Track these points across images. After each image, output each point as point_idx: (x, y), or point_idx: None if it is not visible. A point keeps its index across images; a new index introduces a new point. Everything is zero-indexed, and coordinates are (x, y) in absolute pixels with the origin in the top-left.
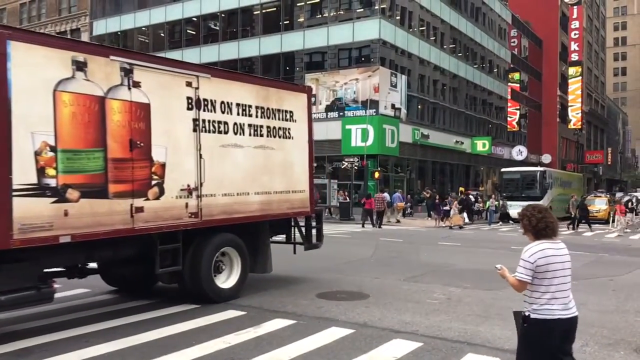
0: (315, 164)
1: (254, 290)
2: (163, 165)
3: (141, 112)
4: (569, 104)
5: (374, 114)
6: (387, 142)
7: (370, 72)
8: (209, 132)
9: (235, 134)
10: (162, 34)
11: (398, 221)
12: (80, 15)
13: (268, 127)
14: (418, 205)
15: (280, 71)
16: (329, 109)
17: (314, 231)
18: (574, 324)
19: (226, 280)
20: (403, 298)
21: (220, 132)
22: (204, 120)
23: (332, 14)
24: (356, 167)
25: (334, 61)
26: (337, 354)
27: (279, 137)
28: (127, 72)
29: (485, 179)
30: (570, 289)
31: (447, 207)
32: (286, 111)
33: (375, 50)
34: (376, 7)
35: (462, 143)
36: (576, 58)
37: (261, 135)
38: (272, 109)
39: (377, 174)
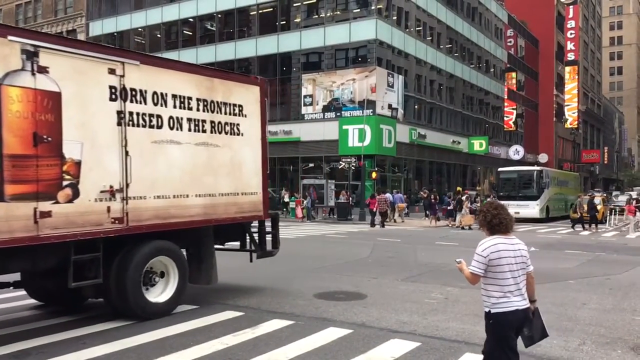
0: (312, 164)
1: (251, 291)
2: (78, 164)
3: (49, 102)
4: (565, 104)
5: (371, 114)
6: (384, 142)
7: (367, 72)
8: (138, 126)
9: (172, 128)
10: (159, 35)
11: (398, 221)
12: (76, 16)
13: (212, 122)
14: (415, 205)
15: (277, 72)
16: (326, 109)
17: (269, 237)
18: (527, 314)
19: (160, 294)
20: (401, 298)
21: (152, 127)
22: (131, 113)
23: (328, 14)
24: (353, 168)
25: (331, 61)
26: (335, 355)
27: (226, 133)
28: (31, 55)
29: (482, 178)
30: (523, 282)
31: (450, 207)
32: (234, 105)
33: (372, 51)
34: (372, 8)
35: (459, 143)
36: (572, 57)
37: (204, 131)
38: (218, 102)
39: (374, 174)
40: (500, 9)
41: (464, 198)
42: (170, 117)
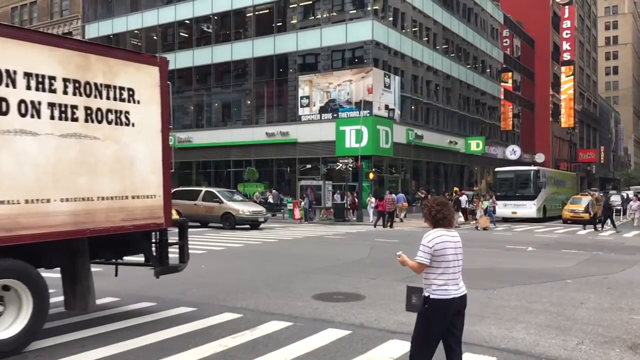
0: (309, 166)
1: (249, 293)
2: None
3: None
4: (562, 103)
5: (368, 115)
6: (381, 143)
7: (364, 73)
8: None
9: (24, 115)
10: (155, 37)
11: (401, 220)
12: (72, 19)
13: (88, 108)
14: (413, 206)
15: (274, 73)
16: (322, 110)
17: (178, 249)
18: (464, 302)
19: (8, 327)
20: (399, 299)
21: None
22: None
23: (324, 15)
24: (351, 168)
25: (328, 62)
26: (333, 356)
27: (109, 122)
28: None
29: (480, 178)
30: (460, 272)
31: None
32: (122, 88)
33: (369, 52)
34: (369, 9)
35: (456, 143)
36: (568, 57)
37: (74, 120)
38: (96, 84)
39: (371, 175)
40: (496, 10)
41: (461, 198)
42: (22, 101)
